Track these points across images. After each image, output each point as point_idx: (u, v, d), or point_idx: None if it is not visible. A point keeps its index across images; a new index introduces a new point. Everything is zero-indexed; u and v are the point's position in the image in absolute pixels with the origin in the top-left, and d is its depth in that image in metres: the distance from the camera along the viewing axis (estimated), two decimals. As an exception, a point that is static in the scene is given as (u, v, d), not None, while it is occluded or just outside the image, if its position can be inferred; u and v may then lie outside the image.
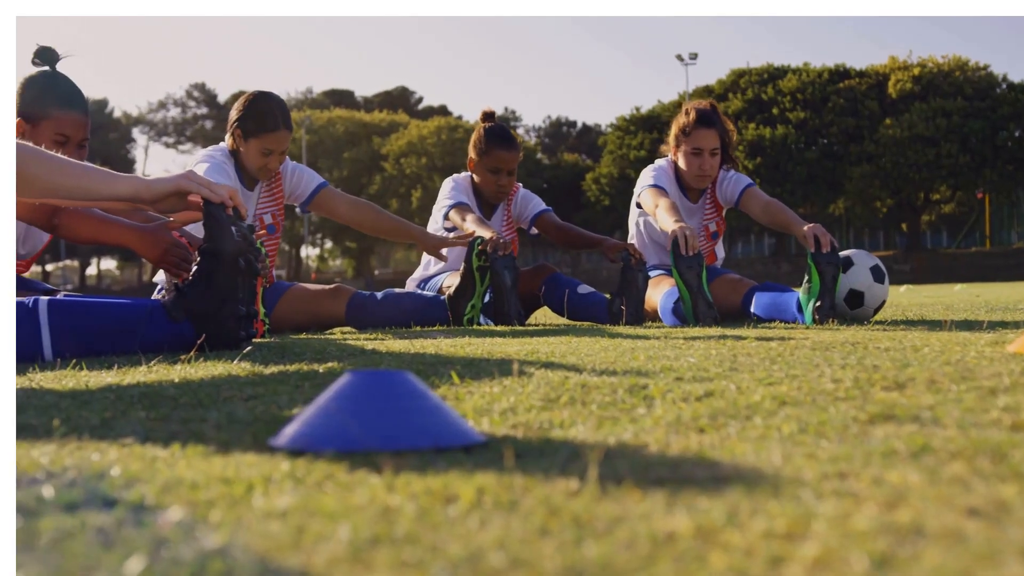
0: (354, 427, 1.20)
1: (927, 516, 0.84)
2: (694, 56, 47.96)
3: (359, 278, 58.30)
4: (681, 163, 4.97)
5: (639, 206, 5.04)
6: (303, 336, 3.79)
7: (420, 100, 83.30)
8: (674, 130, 5.00)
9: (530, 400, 1.62)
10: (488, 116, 5.15)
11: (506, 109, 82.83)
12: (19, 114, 3.61)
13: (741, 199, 5.00)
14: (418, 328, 4.09)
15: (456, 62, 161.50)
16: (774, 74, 48.32)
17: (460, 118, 64.79)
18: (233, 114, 4.38)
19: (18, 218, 3.40)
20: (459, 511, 0.89)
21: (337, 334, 3.99)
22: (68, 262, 68.80)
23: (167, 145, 77.09)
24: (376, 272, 67.34)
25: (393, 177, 55.10)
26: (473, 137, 5.09)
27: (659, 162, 5.08)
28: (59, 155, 2.61)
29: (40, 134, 3.52)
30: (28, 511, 0.91)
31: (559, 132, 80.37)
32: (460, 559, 0.74)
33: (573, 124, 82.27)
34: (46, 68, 3.66)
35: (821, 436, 1.26)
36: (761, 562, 0.72)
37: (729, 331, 3.37)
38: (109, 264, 76.77)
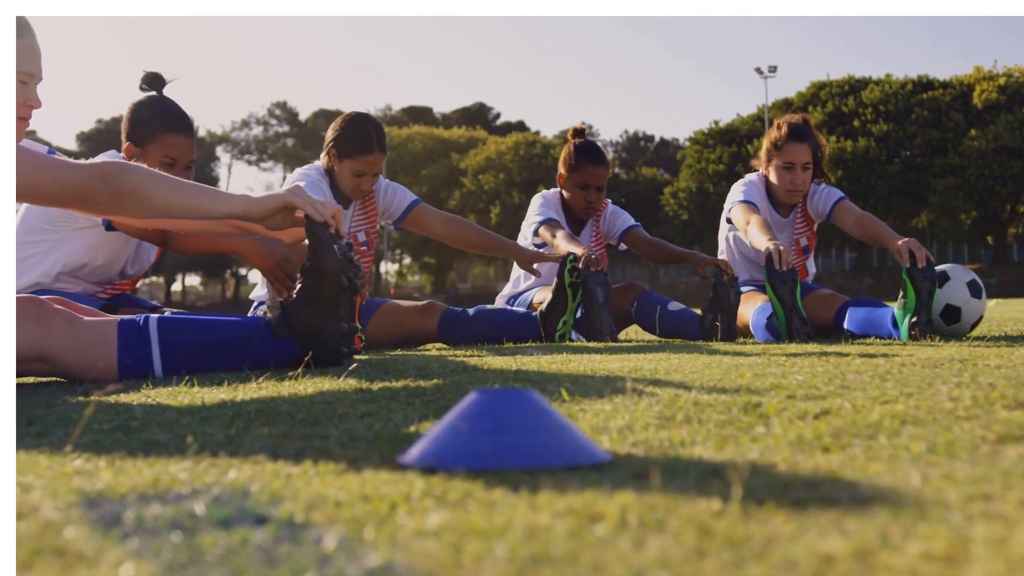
0: (485, 445, 1.22)
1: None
2: (773, 69, 47.50)
3: (438, 293, 58.61)
4: (772, 177, 4.93)
5: (729, 221, 5.01)
6: (399, 352, 3.83)
7: (498, 116, 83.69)
8: (765, 144, 4.96)
9: (645, 418, 1.62)
10: (578, 132, 5.17)
11: (583, 123, 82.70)
12: (128, 138, 3.71)
13: (833, 213, 4.95)
14: (511, 344, 4.10)
15: (533, 77, 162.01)
16: (855, 86, 47.72)
17: (538, 133, 64.99)
18: (330, 134, 4.45)
19: (130, 235, 3.47)
20: (607, 530, 0.89)
21: (432, 350, 4.02)
22: (154, 278, 70.03)
23: (249, 163, 78.36)
24: (457, 287, 67.56)
25: (471, 193, 55.37)
26: (563, 153, 5.11)
27: (749, 177, 5.05)
28: (173, 176, 2.67)
29: (148, 157, 3.61)
30: (185, 527, 0.93)
31: (636, 146, 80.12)
32: (624, 579, 0.75)
33: (651, 138, 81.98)
34: (153, 93, 3.75)
35: (952, 456, 1.24)
36: (930, 586, 0.72)
37: (828, 348, 3.33)
38: (193, 280, 78.02)
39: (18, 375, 2.70)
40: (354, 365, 2.74)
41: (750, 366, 2.52)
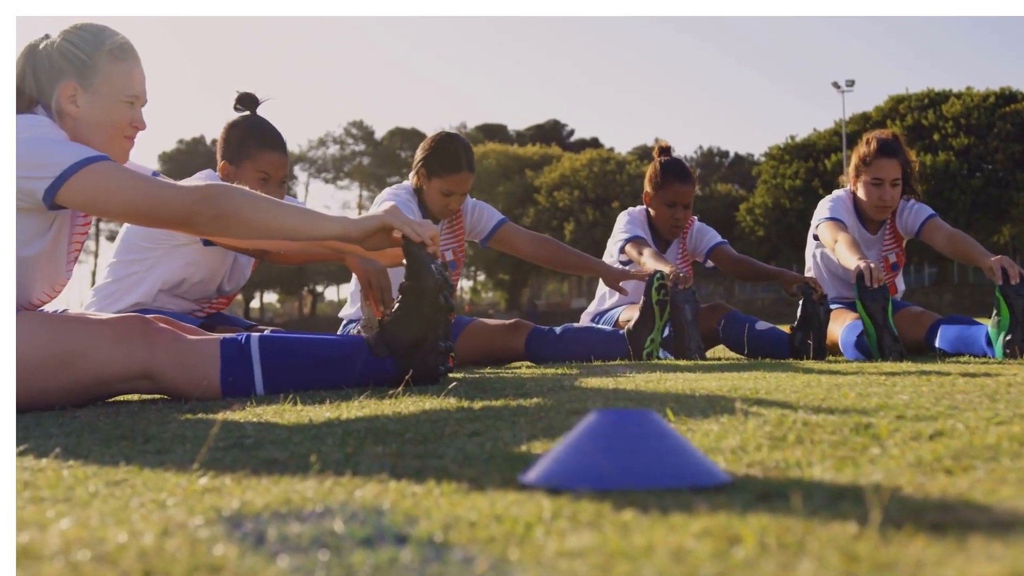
0: (608, 465, 1.22)
1: None
2: (851, 83, 46.97)
3: (512, 310, 58.71)
4: (861, 193, 4.89)
5: (816, 238, 4.97)
6: (491, 371, 3.85)
7: (572, 133, 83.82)
8: (853, 160, 4.92)
9: (756, 438, 1.62)
10: (664, 150, 5.17)
11: (657, 140, 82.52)
12: (223, 157, 3.79)
13: (923, 230, 4.89)
14: (598, 362, 4.11)
15: (607, 94, 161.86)
16: (935, 99, 47.01)
17: (612, 150, 64.92)
18: (419, 153, 4.50)
19: (228, 248, 3.54)
20: (749, 553, 0.89)
21: (522, 368, 4.04)
22: (232, 296, 70.91)
23: (326, 181, 79.26)
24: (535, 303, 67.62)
25: (546, 210, 55.43)
26: (649, 171, 5.12)
27: (837, 193, 5.00)
28: (273, 198, 2.72)
29: (243, 174, 3.68)
30: (330, 546, 0.95)
31: (711, 162, 79.76)
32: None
33: (725, 154, 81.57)
34: (247, 112, 3.83)
35: (1083, 480, 1.22)
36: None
37: (926, 366, 3.29)
38: (271, 297, 78.98)
39: (123, 392, 2.76)
40: (453, 384, 2.76)
41: (851, 385, 2.50)
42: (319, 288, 72.73)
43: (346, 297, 4.80)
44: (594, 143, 78.06)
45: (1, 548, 0.95)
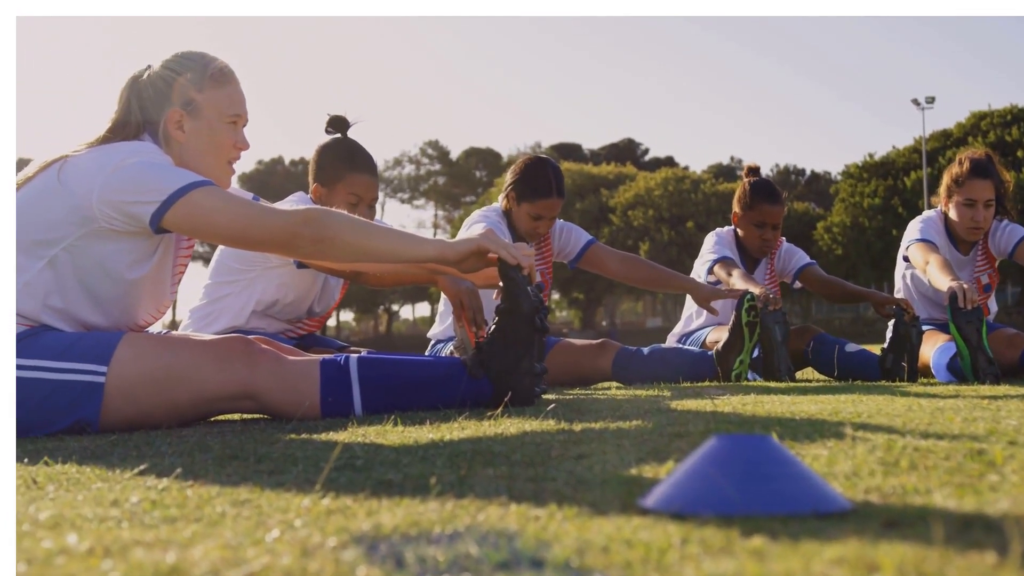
0: (731, 490, 1.23)
1: None
2: (931, 100, 46.27)
3: (587, 329, 58.58)
4: (952, 214, 4.83)
5: (906, 259, 4.92)
6: (582, 392, 3.85)
7: (646, 151, 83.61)
8: (945, 180, 4.86)
9: (868, 464, 1.61)
10: (753, 171, 5.15)
11: (732, 158, 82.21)
12: (316, 179, 3.85)
13: (1017, 250, 4.82)
14: (687, 384, 4.09)
15: (681, 113, 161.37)
16: (1018, 115, 46.10)
17: (687, 168, 64.60)
18: (509, 176, 4.53)
19: (324, 270, 3.59)
20: (890, 582, 0.89)
21: (612, 389, 4.04)
22: (309, 314, 71.65)
23: (402, 201, 79.93)
24: (604, 323, 67.47)
25: (620, 229, 55.26)
26: (738, 191, 5.10)
27: (928, 213, 4.94)
28: (368, 220, 2.76)
29: (335, 196, 3.74)
30: (470, 569, 0.97)
31: (788, 180, 79.01)
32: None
33: (802, 172, 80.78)
34: (338, 135, 3.89)
35: None
36: None
37: (1026, 390, 3.24)
38: (346, 316, 79.68)
39: (225, 411, 2.81)
40: (551, 406, 2.77)
41: (954, 410, 2.47)
42: (394, 307, 73.20)
43: (421, 316, 4.85)
44: (669, 162, 77.80)
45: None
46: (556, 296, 69.36)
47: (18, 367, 2.56)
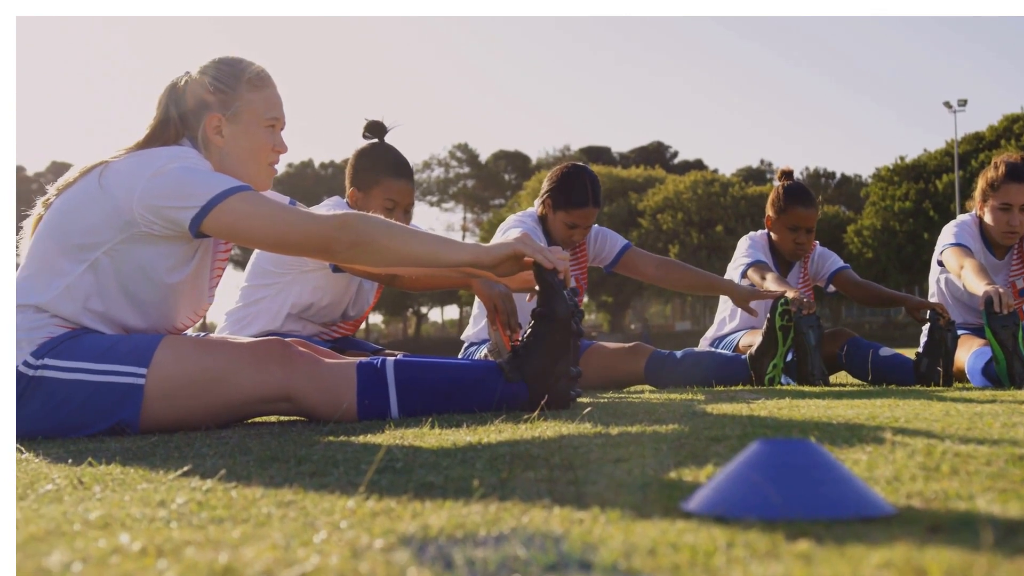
0: (774, 495, 1.23)
1: None
2: (963, 103, 45.95)
3: (616, 332, 58.52)
4: (987, 218, 4.80)
5: (940, 264, 4.89)
6: (616, 395, 3.86)
7: (675, 155, 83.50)
8: (981, 184, 4.83)
9: (909, 469, 1.60)
10: (786, 174, 5.14)
11: (762, 161, 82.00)
12: (352, 183, 3.88)
13: (1053, 254, 4.78)
14: (720, 388, 4.09)
15: (710, 115, 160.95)
16: (1051, 118, 45.84)
17: (716, 172, 64.44)
18: (546, 184, 4.55)
19: (359, 274, 3.61)
20: (939, 586, 0.90)
21: (646, 392, 4.04)
22: (339, 317, 71.88)
23: (431, 204, 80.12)
24: (632, 327, 67.35)
25: (650, 232, 55.20)
26: (771, 195, 5.10)
27: (962, 217, 4.92)
28: (405, 225, 2.77)
29: (371, 201, 3.76)
30: (519, 571, 0.97)
31: (817, 183, 78.62)
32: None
33: (832, 175, 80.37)
34: (375, 140, 3.91)
35: None
36: None
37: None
38: (375, 319, 79.93)
39: (263, 413, 2.84)
40: (587, 409, 2.78)
41: (992, 415, 2.46)
42: (423, 310, 73.36)
43: (450, 319, 4.87)
44: (698, 165, 77.70)
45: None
46: (585, 299, 69.25)
47: (59, 369, 2.59)
